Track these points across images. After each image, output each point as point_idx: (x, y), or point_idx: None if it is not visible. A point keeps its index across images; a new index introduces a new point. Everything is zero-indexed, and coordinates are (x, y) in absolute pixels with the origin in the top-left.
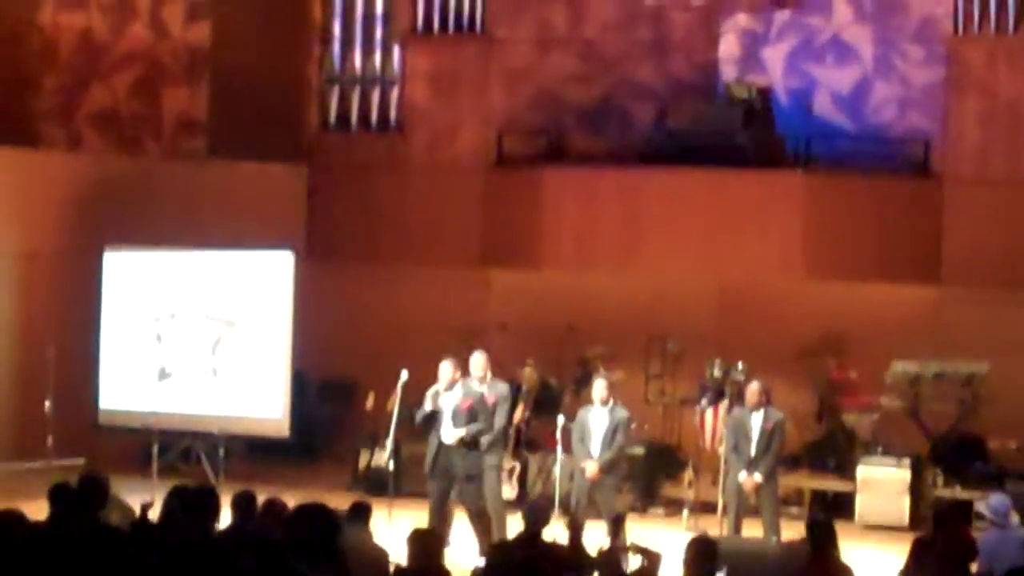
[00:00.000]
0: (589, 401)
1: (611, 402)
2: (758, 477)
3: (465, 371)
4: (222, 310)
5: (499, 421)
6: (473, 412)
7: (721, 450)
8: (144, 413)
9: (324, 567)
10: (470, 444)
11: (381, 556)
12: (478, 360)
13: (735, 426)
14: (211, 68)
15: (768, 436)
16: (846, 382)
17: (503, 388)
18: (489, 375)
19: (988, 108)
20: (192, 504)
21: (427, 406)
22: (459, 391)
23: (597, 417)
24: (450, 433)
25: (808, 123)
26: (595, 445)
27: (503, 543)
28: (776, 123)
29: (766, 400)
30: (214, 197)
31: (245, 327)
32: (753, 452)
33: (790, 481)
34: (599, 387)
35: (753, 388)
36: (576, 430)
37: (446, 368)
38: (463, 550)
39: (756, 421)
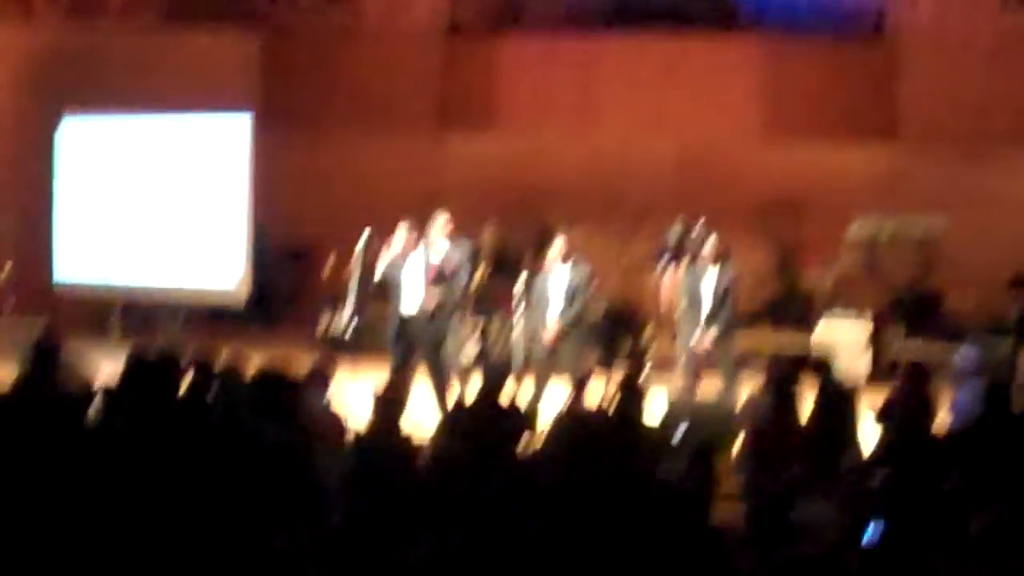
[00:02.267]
0: (548, 262)
1: (572, 259)
2: (714, 333)
3: (422, 234)
4: (180, 177)
5: (461, 283)
6: (440, 277)
7: (678, 308)
8: (102, 280)
9: (284, 429)
10: (436, 311)
11: (338, 422)
12: (440, 222)
13: (691, 283)
14: None
15: (723, 292)
16: (805, 240)
17: (464, 249)
18: (450, 237)
19: None
20: (153, 372)
21: (379, 275)
22: (420, 257)
23: (557, 276)
24: (415, 301)
25: None
26: (556, 305)
27: (459, 404)
28: None
29: (723, 256)
30: (169, 65)
31: (203, 193)
32: (709, 309)
33: (749, 340)
34: (559, 244)
35: (711, 242)
36: (537, 290)
37: (402, 234)
38: (423, 413)
39: (711, 277)
